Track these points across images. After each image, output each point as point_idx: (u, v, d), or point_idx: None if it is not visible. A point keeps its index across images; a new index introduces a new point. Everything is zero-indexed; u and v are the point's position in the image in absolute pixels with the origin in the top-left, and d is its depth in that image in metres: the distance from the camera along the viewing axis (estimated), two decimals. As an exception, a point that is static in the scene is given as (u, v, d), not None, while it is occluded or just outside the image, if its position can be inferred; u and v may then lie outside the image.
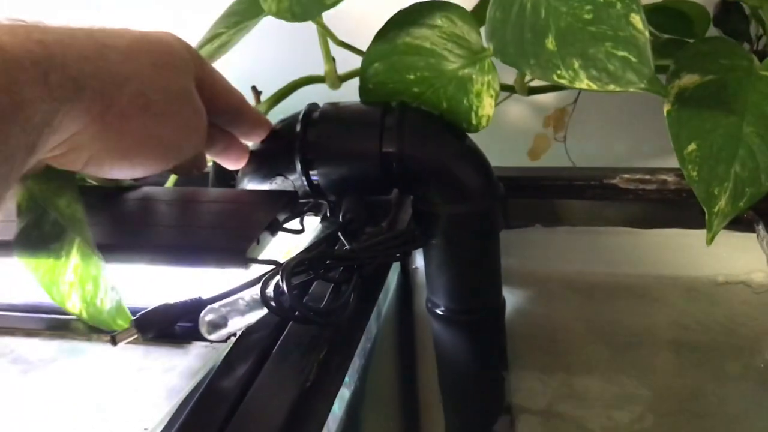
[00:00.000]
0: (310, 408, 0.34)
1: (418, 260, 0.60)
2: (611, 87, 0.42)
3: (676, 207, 0.54)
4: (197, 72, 0.41)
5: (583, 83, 0.42)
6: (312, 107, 0.51)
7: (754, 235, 0.53)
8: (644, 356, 0.58)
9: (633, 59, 0.41)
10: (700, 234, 0.45)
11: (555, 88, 0.56)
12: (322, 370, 0.36)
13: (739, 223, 0.52)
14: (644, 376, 0.56)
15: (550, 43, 0.44)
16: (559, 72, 0.43)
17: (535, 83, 0.57)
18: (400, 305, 0.61)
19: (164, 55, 0.38)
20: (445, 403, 0.58)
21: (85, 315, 0.39)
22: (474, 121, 0.49)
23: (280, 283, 0.37)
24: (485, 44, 0.48)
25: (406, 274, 0.61)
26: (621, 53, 0.41)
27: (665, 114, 0.45)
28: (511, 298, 0.59)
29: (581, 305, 0.60)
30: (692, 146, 0.45)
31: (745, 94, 0.46)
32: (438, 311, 0.55)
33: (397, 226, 0.51)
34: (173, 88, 0.38)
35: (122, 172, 0.39)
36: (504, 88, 0.55)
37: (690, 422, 0.53)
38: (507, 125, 0.66)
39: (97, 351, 0.41)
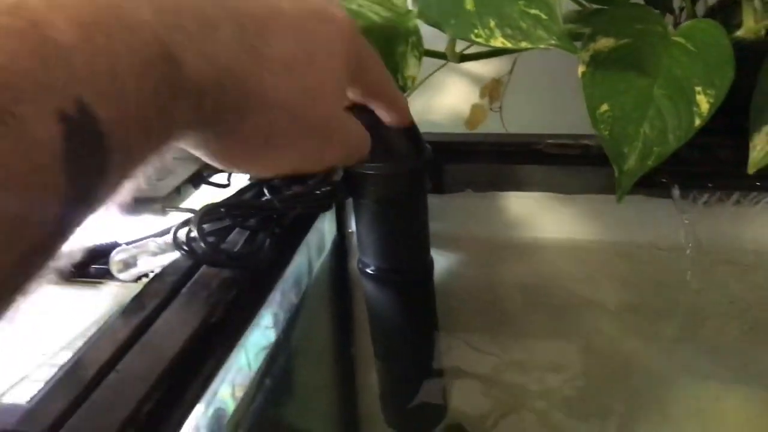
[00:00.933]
0: (212, 343, 0.35)
1: (354, 224, 0.61)
2: (524, 44, 0.43)
3: (600, 172, 0.55)
4: (351, 69, 0.35)
5: (498, 41, 0.44)
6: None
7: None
8: (574, 319, 0.60)
9: (543, 17, 0.42)
10: (628, 199, 0.47)
11: (485, 54, 0.58)
12: (229, 310, 0.37)
13: (657, 187, 0.54)
14: (575, 339, 0.58)
15: (469, 3, 0.45)
16: (476, 31, 0.44)
17: (468, 51, 0.59)
18: (335, 266, 0.62)
19: (321, 76, 0.32)
20: (377, 361, 0.59)
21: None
22: (401, 83, 0.50)
23: (192, 226, 0.38)
24: (410, 6, 0.49)
25: (343, 237, 0.63)
26: (533, 11, 0.43)
27: (580, 75, 0.47)
28: (444, 261, 0.60)
29: (514, 269, 0.62)
30: (605, 107, 0.46)
31: (657, 58, 0.47)
32: (368, 271, 0.56)
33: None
34: (315, 118, 0.32)
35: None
36: (436, 55, 0.57)
37: (621, 383, 0.54)
38: (445, 96, 0.68)
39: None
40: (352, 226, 0.63)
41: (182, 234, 0.38)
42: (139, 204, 0.41)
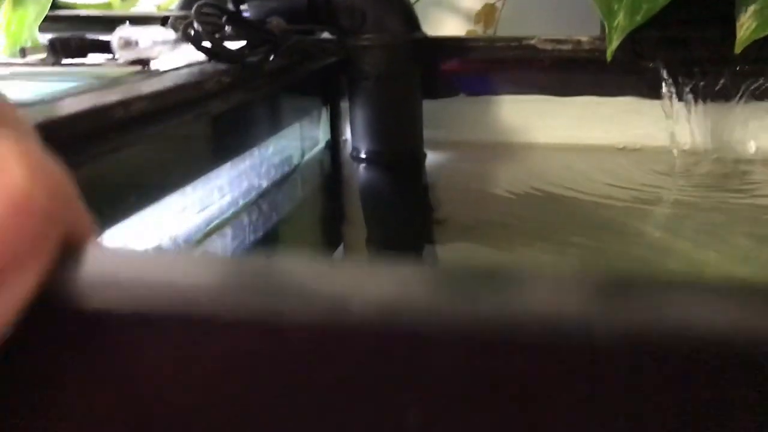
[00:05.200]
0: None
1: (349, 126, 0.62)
2: None
3: (591, 71, 0.57)
4: None
5: None
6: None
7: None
8: (568, 221, 0.59)
9: None
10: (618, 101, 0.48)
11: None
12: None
13: (646, 74, 0.55)
14: (571, 240, 0.57)
15: None
16: None
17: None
18: (328, 155, 0.62)
19: None
20: (368, 247, 0.58)
21: None
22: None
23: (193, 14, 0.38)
24: None
25: (336, 142, 0.63)
26: None
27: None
28: (438, 167, 0.61)
29: (508, 173, 0.62)
30: (596, -36, 0.48)
31: None
32: (361, 155, 0.57)
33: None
34: None
35: None
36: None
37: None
38: (437, 22, 0.69)
39: None
40: (346, 134, 0.63)
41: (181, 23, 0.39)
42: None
